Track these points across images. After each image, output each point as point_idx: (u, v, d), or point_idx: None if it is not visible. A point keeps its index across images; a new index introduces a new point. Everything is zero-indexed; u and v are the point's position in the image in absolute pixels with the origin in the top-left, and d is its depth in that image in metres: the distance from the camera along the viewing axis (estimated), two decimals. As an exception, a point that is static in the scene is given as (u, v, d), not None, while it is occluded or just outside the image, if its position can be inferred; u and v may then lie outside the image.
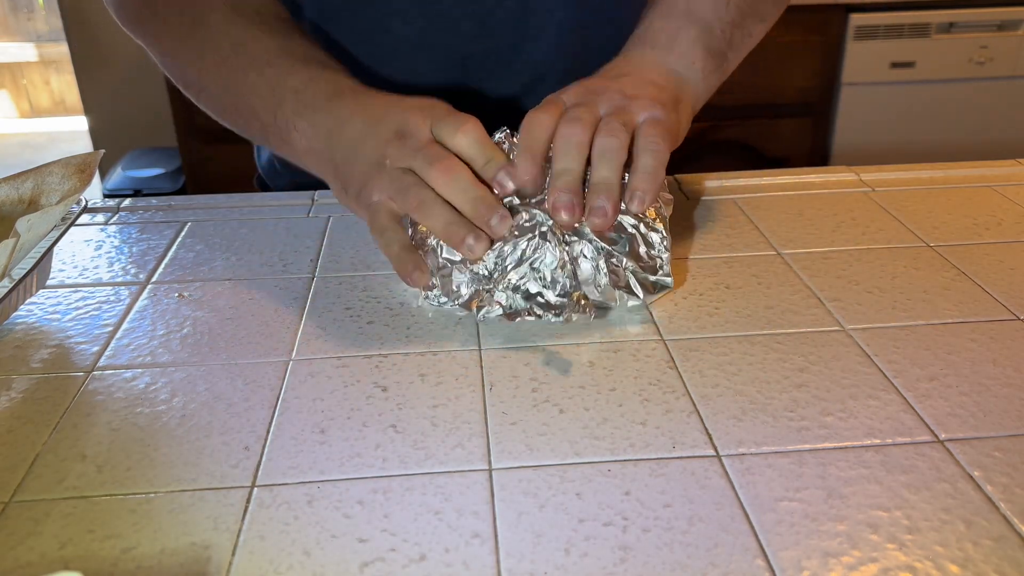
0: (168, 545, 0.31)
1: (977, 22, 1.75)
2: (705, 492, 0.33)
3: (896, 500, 0.33)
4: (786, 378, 0.40)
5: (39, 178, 0.48)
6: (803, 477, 0.34)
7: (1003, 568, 0.30)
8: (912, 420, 0.37)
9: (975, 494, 0.33)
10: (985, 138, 1.87)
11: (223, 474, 0.35)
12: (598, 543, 0.31)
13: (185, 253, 0.53)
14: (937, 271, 0.49)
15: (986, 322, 0.44)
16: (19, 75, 3.17)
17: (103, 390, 0.40)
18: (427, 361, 0.42)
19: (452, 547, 0.31)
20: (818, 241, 0.53)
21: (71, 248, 0.54)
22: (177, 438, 0.37)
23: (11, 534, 0.32)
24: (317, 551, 0.31)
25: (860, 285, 0.48)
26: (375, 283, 0.49)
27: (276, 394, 0.39)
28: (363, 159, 0.47)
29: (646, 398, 0.39)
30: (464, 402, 0.39)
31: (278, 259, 0.52)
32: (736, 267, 0.50)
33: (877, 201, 0.59)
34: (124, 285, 0.50)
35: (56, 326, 0.45)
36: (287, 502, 0.33)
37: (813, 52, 1.75)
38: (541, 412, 0.38)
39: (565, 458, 0.35)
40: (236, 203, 0.60)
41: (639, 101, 0.48)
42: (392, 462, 0.35)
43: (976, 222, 0.56)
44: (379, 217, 0.46)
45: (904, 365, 0.41)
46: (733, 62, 0.58)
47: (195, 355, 0.42)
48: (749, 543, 0.31)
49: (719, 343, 0.43)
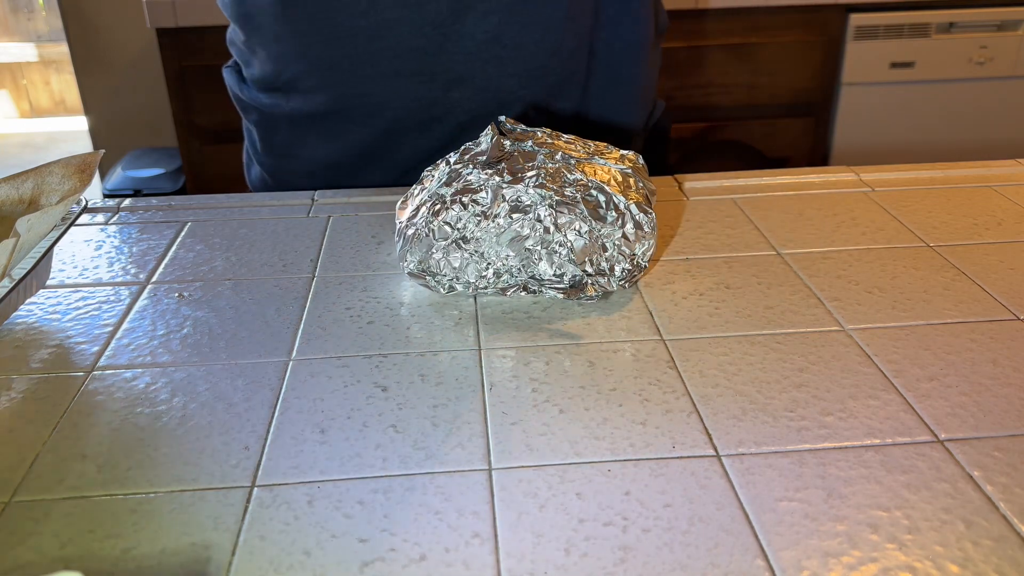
0: (168, 545, 0.31)
1: (977, 22, 1.74)
2: (705, 492, 0.33)
3: (896, 500, 0.33)
4: (786, 378, 0.40)
5: (39, 178, 0.48)
6: (803, 477, 0.34)
7: (1003, 568, 0.30)
8: (912, 420, 0.37)
9: (975, 494, 0.33)
10: (985, 138, 1.86)
11: (223, 474, 0.35)
12: (598, 543, 0.31)
13: (185, 253, 0.53)
14: (937, 271, 0.49)
15: (986, 322, 0.44)
16: (19, 75, 3.17)
17: (103, 390, 0.40)
18: (427, 361, 0.42)
19: (452, 547, 0.31)
20: (818, 241, 0.53)
21: (71, 248, 0.54)
22: (177, 438, 0.37)
23: (11, 534, 0.32)
24: (317, 551, 0.31)
25: (860, 285, 0.48)
26: (375, 283, 0.49)
27: (276, 394, 0.39)
28: None
29: (646, 398, 0.39)
30: (464, 402, 0.39)
31: (278, 259, 0.52)
32: (736, 267, 0.50)
33: (877, 201, 0.59)
34: (124, 285, 0.50)
35: (56, 326, 0.45)
36: (287, 502, 0.33)
37: (813, 52, 1.75)
38: (541, 412, 0.38)
39: (565, 458, 0.35)
40: (236, 203, 0.60)
41: None
42: (392, 462, 0.35)
43: (976, 222, 0.56)
44: None
45: (904, 365, 0.41)
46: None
47: (195, 355, 0.43)
48: (749, 543, 0.31)
49: (719, 343, 0.43)
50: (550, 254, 0.44)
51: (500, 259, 0.45)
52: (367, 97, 0.65)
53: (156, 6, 1.57)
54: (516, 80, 0.65)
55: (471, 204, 0.44)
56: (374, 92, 0.64)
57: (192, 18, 1.59)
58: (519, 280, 0.46)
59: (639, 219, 0.45)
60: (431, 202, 0.46)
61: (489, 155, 0.46)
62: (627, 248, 0.45)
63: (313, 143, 0.68)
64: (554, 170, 0.45)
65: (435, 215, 0.45)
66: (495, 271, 0.45)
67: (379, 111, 0.65)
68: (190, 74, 1.65)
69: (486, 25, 0.62)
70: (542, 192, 0.44)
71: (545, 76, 0.65)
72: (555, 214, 0.44)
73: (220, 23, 1.76)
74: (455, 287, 0.46)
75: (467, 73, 0.64)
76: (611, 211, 0.44)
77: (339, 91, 0.65)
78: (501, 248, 0.45)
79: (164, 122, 2.13)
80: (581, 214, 0.44)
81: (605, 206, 0.44)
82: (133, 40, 2.05)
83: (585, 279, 0.45)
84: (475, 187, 0.45)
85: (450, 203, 0.45)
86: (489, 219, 0.44)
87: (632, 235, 0.45)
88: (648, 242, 0.45)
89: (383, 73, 0.64)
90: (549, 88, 0.66)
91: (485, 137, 0.47)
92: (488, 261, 0.45)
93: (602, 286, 0.46)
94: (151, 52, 2.06)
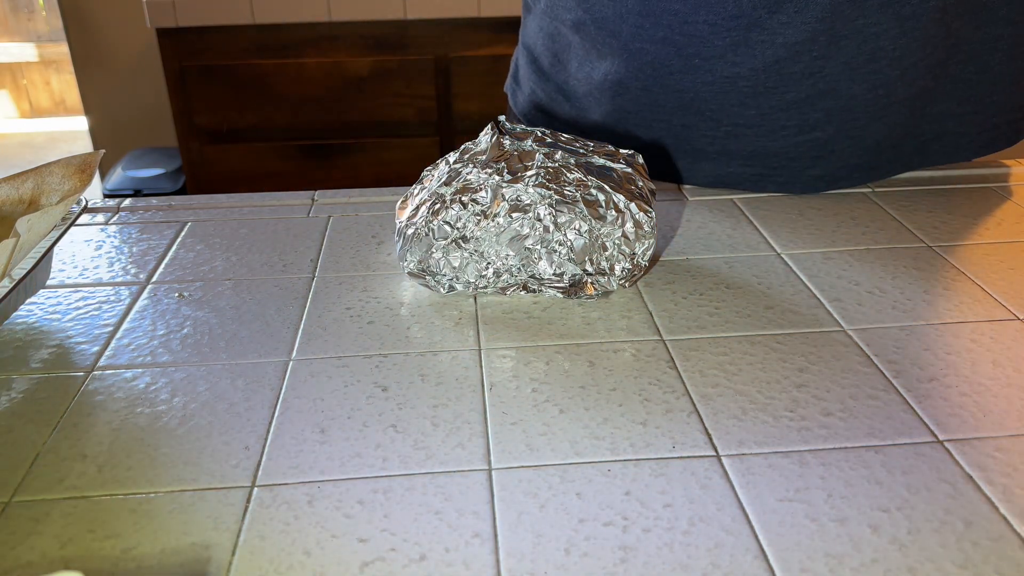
0: (168, 545, 0.31)
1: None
2: (706, 492, 0.33)
3: (896, 500, 0.33)
4: (786, 378, 0.40)
5: (39, 178, 0.48)
6: (804, 477, 0.34)
7: (1003, 568, 0.30)
8: (912, 420, 0.37)
9: (975, 494, 0.33)
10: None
11: (223, 474, 0.35)
12: (598, 543, 0.31)
13: (185, 253, 0.53)
14: (937, 271, 0.49)
15: (986, 322, 0.44)
16: (19, 75, 3.17)
17: (103, 390, 0.40)
18: (427, 361, 0.42)
19: (452, 547, 0.31)
20: (818, 241, 0.53)
21: (71, 248, 0.54)
22: (177, 438, 0.37)
23: (11, 534, 0.32)
24: (317, 551, 0.31)
25: (860, 285, 0.48)
26: (375, 283, 0.49)
27: (276, 394, 0.39)
28: None
29: (646, 398, 0.39)
30: (464, 402, 0.39)
31: (278, 259, 0.52)
32: (736, 267, 0.50)
33: (877, 201, 0.59)
34: (124, 285, 0.50)
35: (56, 326, 0.45)
36: (287, 502, 0.33)
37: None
38: (541, 412, 0.38)
39: (565, 458, 0.35)
40: (236, 203, 0.60)
41: None
42: (392, 462, 0.35)
43: (976, 222, 0.56)
44: None
45: (904, 365, 0.41)
46: None
47: (195, 355, 0.43)
48: (750, 543, 0.31)
49: (719, 343, 0.43)
50: (550, 253, 0.45)
51: (500, 258, 0.45)
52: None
53: (156, 6, 1.57)
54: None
55: (471, 203, 0.45)
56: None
57: (192, 18, 1.59)
58: (519, 279, 0.46)
59: (639, 218, 0.45)
60: (431, 201, 0.46)
61: (489, 153, 0.46)
62: (627, 247, 0.45)
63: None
64: (554, 169, 0.45)
65: (435, 214, 0.45)
66: (495, 270, 0.45)
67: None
68: (190, 74, 1.65)
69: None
70: (542, 191, 0.44)
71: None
72: (555, 213, 0.44)
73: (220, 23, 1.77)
74: (455, 287, 0.46)
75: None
76: (611, 210, 0.44)
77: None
78: (501, 247, 0.45)
79: (164, 122, 2.14)
80: (581, 213, 0.44)
81: (605, 205, 0.44)
82: (133, 40, 2.05)
83: (585, 278, 0.45)
84: (475, 186, 0.45)
85: (450, 202, 0.45)
86: (489, 218, 0.44)
87: (632, 234, 0.45)
88: (648, 241, 0.45)
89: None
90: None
91: (484, 136, 0.47)
92: (488, 260, 0.45)
93: (602, 285, 0.46)
94: (151, 52, 2.06)
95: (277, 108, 1.68)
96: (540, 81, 0.70)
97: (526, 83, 0.73)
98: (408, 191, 0.50)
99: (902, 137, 0.60)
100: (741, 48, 0.56)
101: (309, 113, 1.70)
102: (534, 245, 0.44)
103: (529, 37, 0.71)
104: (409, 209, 0.48)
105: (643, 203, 0.45)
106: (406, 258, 0.46)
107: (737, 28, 0.55)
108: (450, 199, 0.45)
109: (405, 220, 0.47)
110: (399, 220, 0.48)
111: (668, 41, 0.58)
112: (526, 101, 0.73)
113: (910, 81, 0.56)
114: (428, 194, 0.46)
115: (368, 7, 1.61)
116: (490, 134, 0.47)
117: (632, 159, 0.48)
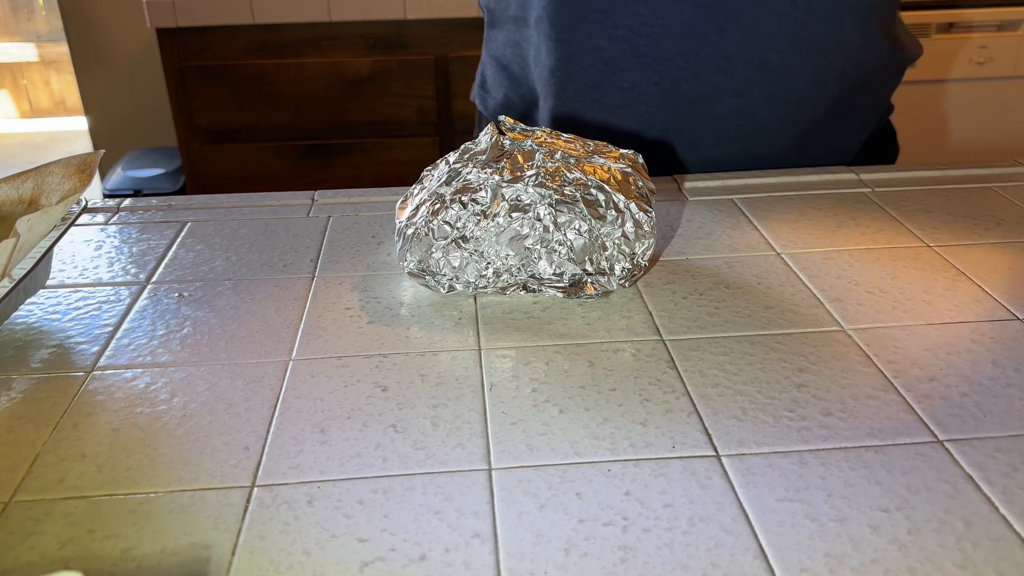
0: (168, 545, 0.31)
1: (977, 22, 1.74)
2: (706, 492, 0.33)
3: (896, 500, 0.33)
4: (786, 378, 0.40)
5: (39, 178, 0.48)
6: (804, 477, 0.34)
7: (1003, 568, 0.30)
8: (912, 420, 0.37)
9: (975, 494, 0.33)
10: (985, 138, 1.86)
11: (223, 474, 0.35)
12: (598, 543, 0.31)
13: (185, 253, 0.53)
14: (937, 271, 0.49)
15: (986, 322, 0.44)
16: (19, 75, 3.17)
17: (103, 390, 0.40)
18: (427, 361, 0.42)
19: (452, 547, 0.31)
20: (818, 241, 0.53)
21: (71, 248, 0.54)
22: (177, 438, 0.37)
23: (11, 534, 0.32)
24: (317, 551, 0.31)
25: (860, 285, 0.48)
26: (375, 283, 0.49)
27: (276, 394, 0.39)
28: None
29: (646, 398, 0.39)
30: (464, 402, 0.39)
31: (278, 259, 0.52)
32: (736, 267, 0.50)
33: (877, 201, 0.59)
34: (124, 285, 0.50)
35: (56, 326, 0.45)
36: (287, 502, 0.33)
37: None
38: (541, 412, 0.38)
39: (565, 458, 0.35)
40: (236, 203, 0.60)
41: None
42: (392, 462, 0.35)
43: (976, 222, 0.56)
44: None
45: (904, 365, 0.41)
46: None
47: (195, 355, 0.42)
48: (750, 543, 0.31)
49: (719, 343, 0.43)
50: (550, 253, 0.44)
51: (500, 258, 0.45)
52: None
53: (156, 6, 1.57)
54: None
55: (471, 203, 0.44)
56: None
57: (192, 18, 1.59)
58: (519, 279, 0.46)
59: (639, 218, 0.45)
60: (431, 201, 0.46)
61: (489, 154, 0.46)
62: (627, 247, 0.45)
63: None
64: (554, 169, 0.45)
65: (434, 214, 0.45)
66: (495, 270, 0.45)
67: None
68: (190, 74, 1.65)
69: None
70: (542, 191, 0.44)
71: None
72: (555, 213, 0.44)
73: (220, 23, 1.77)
74: (455, 286, 0.46)
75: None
76: (611, 210, 0.44)
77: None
78: (501, 247, 0.45)
79: (164, 122, 2.14)
80: (581, 213, 0.44)
81: (605, 205, 0.44)
82: (133, 40, 2.05)
83: (585, 278, 0.45)
84: (474, 186, 0.45)
85: (449, 202, 0.45)
86: (489, 218, 0.44)
87: (632, 234, 0.45)
88: (648, 241, 0.45)
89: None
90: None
91: (484, 136, 0.47)
92: (488, 260, 0.45)
93: (602, 285, 0.46)
94: (151, 52, 2.06)
95: (277, 108, 1.68)
96: (512, 85, 0.75)
97: (497, 90, 0.77)
98: (408, 191, 0.50)
99: (791, 162, 0.71)
100: (689, 56, 0.63)
101: (309, 113, 1.70)
102: (534, 245, 0.44)
103: (496, 49, 0.76)
104: (409, 209, 0.48)
105: (643, 203, 0.45)
106: (406, 258, 0.46)
107: (690, 36, 0.62)
108: (450, 199, 0.45)
109: (405, 220, 0.47)
110: (399, 220, 0.48)
111: (626, 39, 0.64)
112: (497, 106, 0.77)
113: (808, 112, 0.67)
114: (428, 194, 0.46)
115: (368, 7, 1.60)
116: (490, 134, 0.47)
117: (632, 159, 0.48)
